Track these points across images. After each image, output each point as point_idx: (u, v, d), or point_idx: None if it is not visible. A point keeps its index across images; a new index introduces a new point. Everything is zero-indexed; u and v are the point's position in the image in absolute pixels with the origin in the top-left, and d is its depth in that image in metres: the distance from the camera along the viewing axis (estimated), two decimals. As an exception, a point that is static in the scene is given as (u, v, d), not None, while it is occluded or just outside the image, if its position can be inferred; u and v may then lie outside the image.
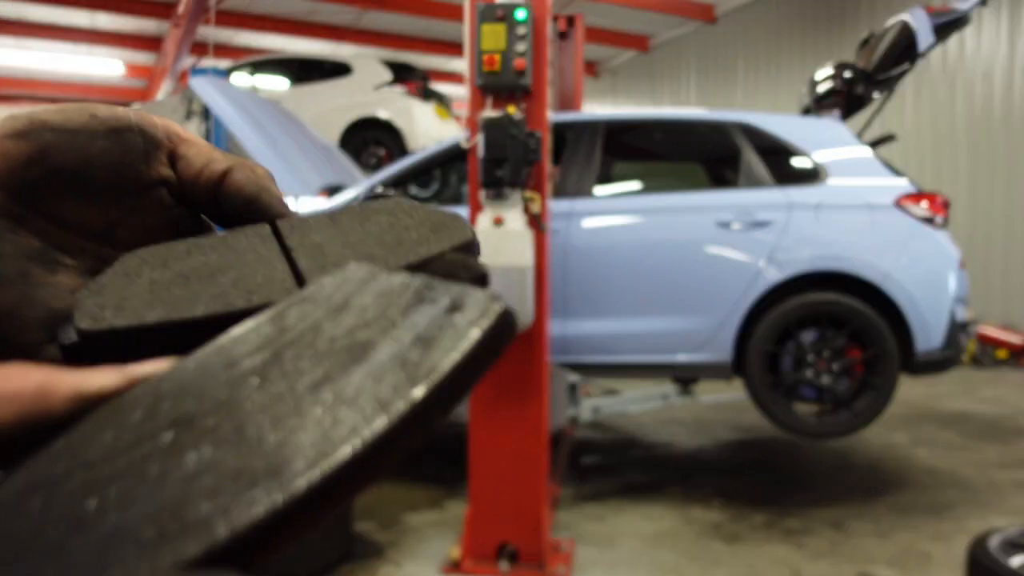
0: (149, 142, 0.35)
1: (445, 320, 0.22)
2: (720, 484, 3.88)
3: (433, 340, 0.21)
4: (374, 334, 0.22)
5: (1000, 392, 6.42)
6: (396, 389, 0.20)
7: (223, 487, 0.19)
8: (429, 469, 4.17)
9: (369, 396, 0.20)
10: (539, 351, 2.78)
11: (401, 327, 0.22)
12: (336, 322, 0.24)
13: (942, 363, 3.46)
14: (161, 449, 0.20)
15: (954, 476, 3.97)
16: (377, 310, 0.23)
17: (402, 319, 0.23)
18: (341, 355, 0.22)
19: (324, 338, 0.23)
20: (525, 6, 2.58)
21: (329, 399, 0.20)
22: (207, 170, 0.35)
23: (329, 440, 0.19)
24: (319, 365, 0.22)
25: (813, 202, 3.52)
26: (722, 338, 3.48)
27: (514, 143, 2.56)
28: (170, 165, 0.36)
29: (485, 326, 0.22)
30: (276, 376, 0.22)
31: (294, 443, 0.19)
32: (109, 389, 0.24)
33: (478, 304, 0.22)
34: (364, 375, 0.21)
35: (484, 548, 2.78)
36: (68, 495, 0.20)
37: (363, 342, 0.22)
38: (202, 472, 0.19)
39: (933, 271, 3.45)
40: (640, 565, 2.87)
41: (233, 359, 0.23)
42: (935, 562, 2.88)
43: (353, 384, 0.21)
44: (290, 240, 0.33)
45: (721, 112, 3.95)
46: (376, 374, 0.21)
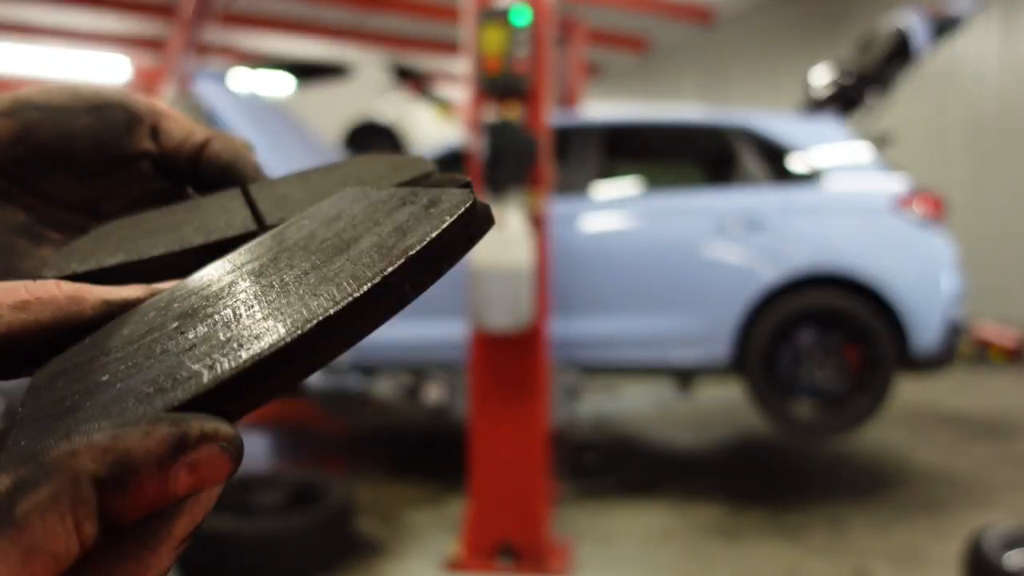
0: (132, 117, 0.37)
1: (423, 213, 0.25)
2: (718, 482, 3.91)
3: (409, 229, 0.24)
4: (359, 232, 0.25)
5: (996, 390, 6.44)
6: (370, 266, 0.23)
7: (214, 352, 0.21)
8: (430, 466, 4.20)
9: (347, 273, 0.23)
10: (539, 350, 2.80)
11: (383, 224, 0.25)
12: (328, 228, 0.27)
13: (938, 361, 3.49)
14: (166, 335, 0.23)
15: (951, 474, 4.00)
16: (365, 215, 0.26)
17: (386, 219, 0.25)
18: (328, 250, 0.25)
19: (316, 241, 0.26)
20: (526, 9, 2.61)
21: (312, 280, 0.23)
22: (188, 141, 0.37)
23: (309, 308, 0.22)
24: (308, 260, 0.25)
25: (810, 202, 3.55)
26: (721, 337, 3.51)
27: (514, 145, 2.59)
28: (153, 139, 0.38)
29: (456, 214, 0.24)
30: (270, 272, 0.25)
31: (278, 315, 0.22)
32: (133, 299, 0.26)
33: (453, 198, 0.25)
34: (345, 260, 0.24)
35: (484, 545, 2.80)
36: (86, 374, 0.23)
37: (348, 238, 0.25)
38: (197, 344, 0.22)
39: (929, 270, 3.48)
40: (639, 562, 2.90)
41: (237, 266, 0.27)
42: (932, 559, 2.91)
43: (334, 268, 0.23)
44: (256, 194, 0.35)
45: (719, 113, 3.99)
46: (355, 258, 0.23)
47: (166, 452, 0.18)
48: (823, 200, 3.57)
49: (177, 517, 0.20)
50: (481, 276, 2.61)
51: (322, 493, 2.94)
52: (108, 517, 0.18)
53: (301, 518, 2.71)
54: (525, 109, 2.67)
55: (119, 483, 0.18)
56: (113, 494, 0.18)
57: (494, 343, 2.78)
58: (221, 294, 0.25)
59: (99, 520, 0.18)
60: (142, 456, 0.18)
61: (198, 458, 0.19)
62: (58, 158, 0.35)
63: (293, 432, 5.23)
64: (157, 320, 0.24)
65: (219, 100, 4.26)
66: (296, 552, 2.65)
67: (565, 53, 4.89)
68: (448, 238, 0.23)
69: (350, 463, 4.35)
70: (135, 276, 0.31)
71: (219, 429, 0.19)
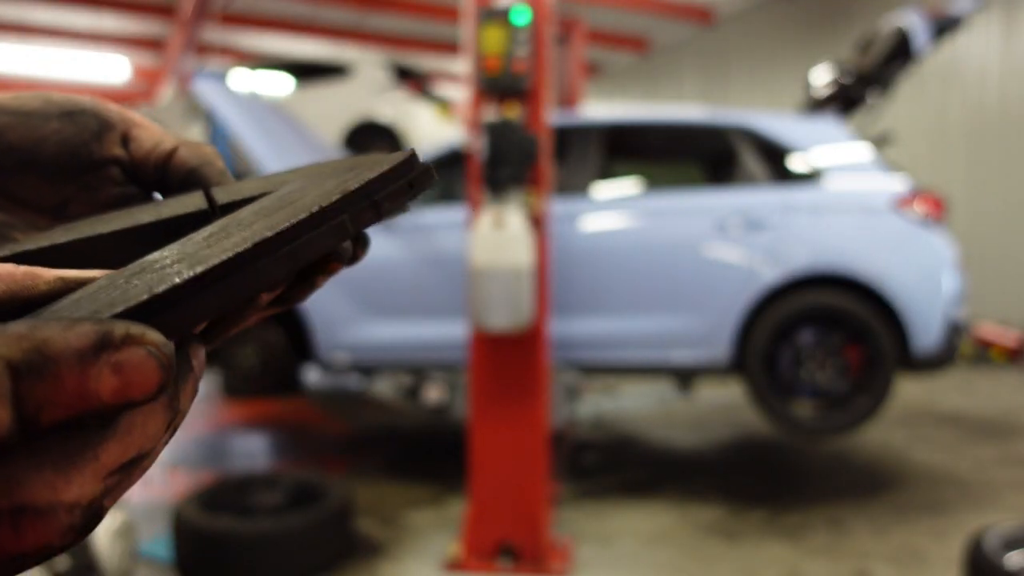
0: (102, 123, 0.38)
1: (365, 170, 0.27)
2: (719, 482, 3.91)
3: (351, 180, 0.26)
4: (306, 193, 0.27)
5: (997, 391, 6.44)
6: (309, 205, 0.24)
7: (154, 280, 0.22)
8: (430, 467, 4.20)
9: (286, 213, 0.24)
10: (539, 351, 2.80)
11: (328, 182, 0.27)
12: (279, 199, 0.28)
13: (939, 362, 3.48)
14: (117, 286, 0.24)
15: (951, 474, 4.00)
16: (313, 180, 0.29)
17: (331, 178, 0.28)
18: (273, 207, 0.27)
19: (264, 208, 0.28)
20: (525, 9, 2.61)
21: (255, 225, 0.25)
22: (157, 149, 0.38)
23: (246, 241, 0.23)
24: (258, 218, 0.26)
25: (811, 202, 3.55)
26: (721, 337, 3.50)
27: (514, 145, 2.59)
28: (123, 146, 0.38)
29: (395, 162, 0.26)
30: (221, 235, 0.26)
31: (219, 246, 0.23)
32: (89, 277, 0.26)
33: (396, 156, 0.27)
34: (288, 207, 0.25)
35: (484, 546, 2.80)
36: None
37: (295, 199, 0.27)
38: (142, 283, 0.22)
39: (930, 270, 3.47)
40: (639, 563, 2.90)
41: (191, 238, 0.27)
42: (932, 559, 2.91)
43: (280, 215, 0.25)
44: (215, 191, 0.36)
45: (719, 113, 3.98)
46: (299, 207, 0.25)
47: (87, 346, 0.18)
48: (823, 200, 3.56)
49: (107, 439, 0.19)
50: (481, 276, 2.60)
51: (322, 493, 2.93)
52: (25, 409, 0.17)
53: (301, 518, 2.70)
54: (525, 109, 2.67)
55: (35, 370, 0.17)
56: (30, 382, 0.17)
57: (494, 343, 2.78)
58: (171, 257, 0.25)
59: (14, 409, 0.17)
60: (61, 346, 0.18)
61: (122, 359, 0.18)
62: (27, 161, 0.36)
63: (293, 432, 5.23)
64: (108, 281, 0.25)
65: (218, 100, 4.25)
66: (296, 552, 2.65)
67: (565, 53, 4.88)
68: (387, 180, 0.26)
69: (350, 463, 4.35)
70: (90, 260, 0.31)
71: (146, 333, 0.19)
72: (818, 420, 3.44)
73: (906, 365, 3.46)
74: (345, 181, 0.26)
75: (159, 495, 3.74)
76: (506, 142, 2.58)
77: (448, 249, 3.65)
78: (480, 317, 2.64)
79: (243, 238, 0.23)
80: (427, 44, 12.57)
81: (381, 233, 3.78)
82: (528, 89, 2.64)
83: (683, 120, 4.08)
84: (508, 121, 2.60)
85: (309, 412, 5.82)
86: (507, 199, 2.63)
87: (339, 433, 5.19)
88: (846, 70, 4.04)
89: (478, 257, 2.60)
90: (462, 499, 3.49)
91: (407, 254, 3.74)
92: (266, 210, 0.27)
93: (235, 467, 4.31)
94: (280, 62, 8.37)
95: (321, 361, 3.83)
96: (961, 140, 8.75)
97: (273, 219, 0.25)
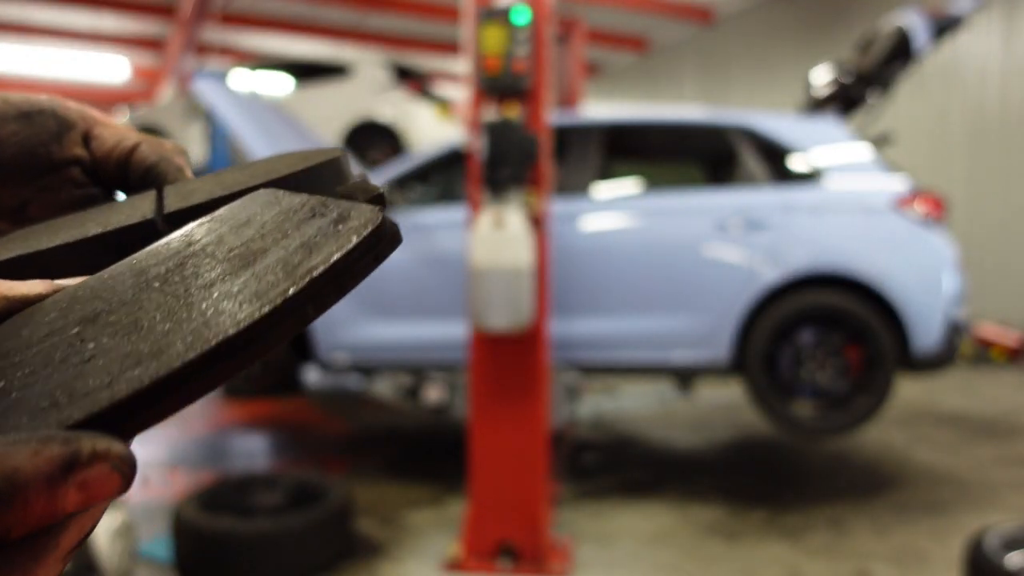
0: (62, 124, 0.37)
1: (331, 230, 0.25)
2: (719, 482, 3.91)
3: (316, 246, 0.24)
4: (267, 243, 0.25)
5: (997, 391, 6.44)
6: (274, 285, 0.23)
7: (112, 367, 0.21)
8: (430, 467, 4.19)
9: (250, 291, 0.23)
10: (539, 351, 2.80)
11: (292, 236, 0.25)
12: (237, 235, 0.26)
13: (939, 362, 3.48)
14: (66, 340, 0.23)
15: (951, 474, 4.00)
16: (275, 225, 0.26)
17: (295, 231, 0.25)
18: (235, 261, 0.25)
19: (223, 248, 0.26)
20: (525, 9, 2.60)
21: (215, 294, 0.23)
22: (119, 147, 0.38)
23: (208, 327, 0.22)
24: (215, 269, 0.25)
25: (811, 202, 3.55)
26: (721, 338, 3.50)
27: (514, 145, 2.58)
28: (85, 145, 0.38)
29: (363, 233, 0.24)
30: (176, 280, 0.25)
31: (179, 330, 0.22)
32: (33, 295, 0.26)
33: (362, 215, 0.25)
34: (250, 276, 0.24)
35: (484, 546, 2.80)
36: None
37: (256, 249, 0.25)
38: (97, 356, 0.22)
39: (930, 270, 3.47)
40: (639, 563, 2.90)
41: (143, 268, 0.26)
42: (932, 559, 2.91)
43: (239, 282, 0.23)
44: (169, 192, 0.35)
45: (719, 112, 3.98)
46: (260, 274, 0.23)
47: (56, 471, 0.18)
48: (824, 200, 3.56)
49: (65, 530, 0.20)
50: (481, 276, 2.60)
51: (322, 493, 2.93)
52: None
53: (301, 518, 2.70)
54: (525, 109, 2.67)
55: (5, 500, 0.18)
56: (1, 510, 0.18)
57: (494, 343, 2.78)
58: (125, 299, 0.24)
59: None
60: (31, 474, 0.18)
61: (88, 477, 0.19)
62: None
63: (293, 432, 5.23)
64: (58, 323, 0.24)
65: (218, 100, 4.25)
66: (296, 552, 2.65)
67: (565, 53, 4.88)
68: (354, 258, 0.24)
69: (350, 463, 4.35)
70: (38, 271, 0.31)
71: (111, 449, 0.19)
72: (818, 420, 3.44)
73: (906, 365, 3.45)
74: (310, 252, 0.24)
75: (159, 495, 3.74)
76: (506, 142, 2.58)
77: (448, 249, 3.65)
78: (480, 317, 2.64)
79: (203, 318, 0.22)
80: (427, 44, 12.57)
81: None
82: (528, 89, 2.64)
83: (683, 120, 4.07)
84: (508, 121, 2.60)
85: (309, 412, 5.82)
86: (507, 199, 2.63)
87: (339, 433, 5.19)
88: (846, 70, 4.03)
89: (478, 257, 2.60)
90: (462, 499, 3.49)
91: (407, 254, 3.74)
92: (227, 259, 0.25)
93: (235, 467, 4.30)
94: (280, 62, 8.37)
95: (321, 361, 3.83)
96: (961, 140, 8.75)
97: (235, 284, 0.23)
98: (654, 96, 13.30)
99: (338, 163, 0.34)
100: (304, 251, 0.24)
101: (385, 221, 0.25)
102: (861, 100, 4.05)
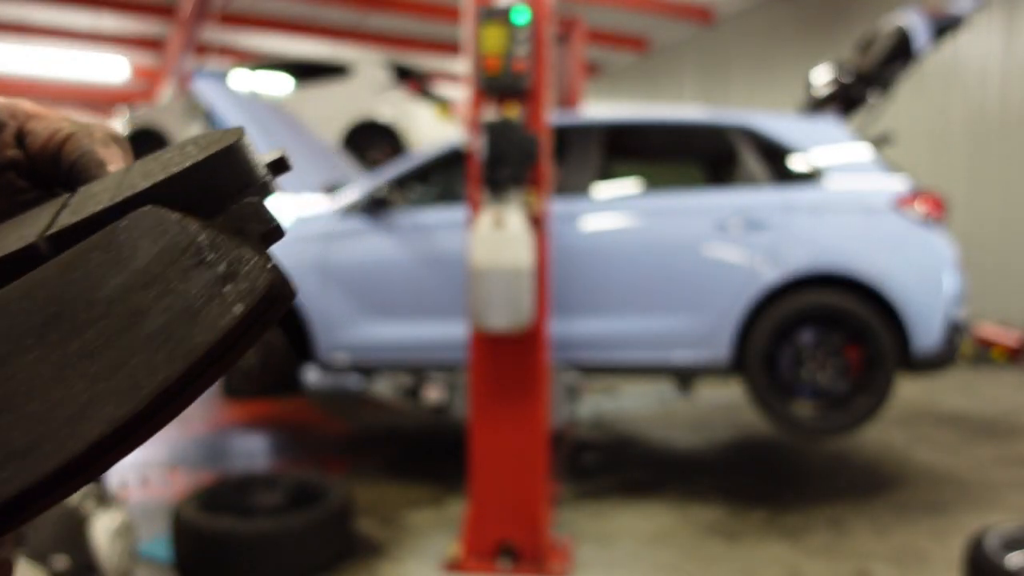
0: None
1: (216, 290, 0.23)
2: (719, 482, 3.90)
3: (199, 313, 0.22)
4: (149, 299, 0.23)
5: (997, 391, 6.44)
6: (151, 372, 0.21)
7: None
8: (430, 467, 4.19)
9: (127, 376, 0.21)
10: (539, 351, 2.80)
11: (175, 292, 0.23)
12: (120, 271, 0.24)
13: (939, 362, 3.48)
14: None
15: (952, 474, 3.99)
16: (159, 268, 0.24)
17: (179, 282, 0.23)
18: (115, 319, 0.23)
19: (104, 295, 0.24)
20: (525, 9, 2.60)
21: (92, 371, 0.22)
22: (52, 140, 0.35)
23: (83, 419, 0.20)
24: (93, 327, 0.23)
25: (811, 203, 3.55)
26: (721, 338, 3.50)
27: (514, 145, 2.58)
28: (19, 144, 0.35)
29: (251, 302, 0.22)
30: (53, 339, 0.23)
31: (51, 418, 0.21)
32: None
33: (250, 277, 0.23)
34: (127, 349, 0.22)
35: (484, 546, 2.80)
36: None
37: (136, 309, 0.23)
38: None
39: (930, 270, 3.47)
40: (639, 563, 2.89)
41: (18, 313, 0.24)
42: (933, 560, 2.90)
43: (118, 355, 0.22)
44: (76, 196, 0.33)
45: (719, 112, 3.98)
46: (140, 349, 0.22)
47: None
48: (824, 200, 3.56)
49: None
50: (481, 276, 2.60)
51: (322, 493, 2.93)
52: None
53: (301, 519, 2.70)
54: (525, 108, 2.66)
55: None
56: None
57: (494, 343, 2.78)
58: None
59: None
60: None
61: None
62: None
63: (293, 432, 5.23)
64: None
65: (218, 100, 4.25)
66: (296, 553, 2.64)
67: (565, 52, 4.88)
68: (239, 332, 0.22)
69: (350, 463, 4.34)
70: None
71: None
72: (818, 420, 3.43)
73: (907, 365, 3.45)
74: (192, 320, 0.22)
75: (159, 495, 3.74)
76: (506, 142, 2.57)
77: (448, 249, 3.65)
78: (480, 317, 2.64)
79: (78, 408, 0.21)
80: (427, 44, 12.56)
81: (380, 233, 3.77)
82: (528, 89, 2.64)
83: (683, 120, 4.07)
84: (508, 121, 2.60)
85: (309, 412, 5.82)
86: (507, 199, 2.63)
87: (339, 433, 5.19)
88: (846, 70, 4.03)
89: (478, 257, 2.60)
90: (462, 499, 3.49)
91: (407, 254, 3.74)
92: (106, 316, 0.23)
93: (235, 467, 4.30)
94: (280, 62, 8.36)
95: (321, 361, 3.83)
96: (962, 140, 8.74)
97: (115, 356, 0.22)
98: (654, 96, 13.29)
99: (235, 151, 0.31)
100: (186, 319, 0.22)
101: (275, 283, 0.23)
102: (861, 100, 4.05)
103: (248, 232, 0.27)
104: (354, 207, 3.83)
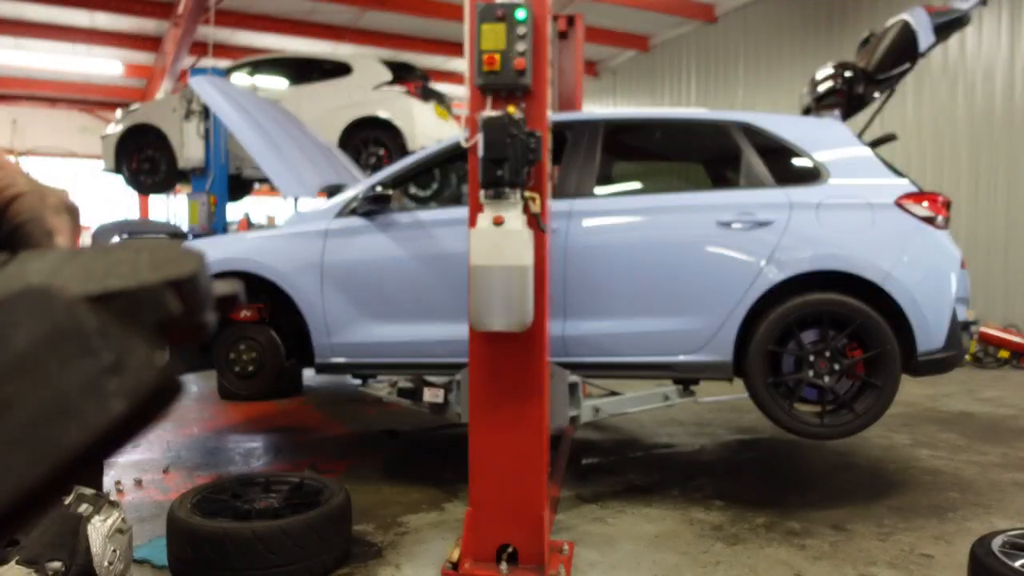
0: None
1: (97, 384, 0.21)
2: (721, 485, 3.87)
3: (75, 410, 0.20)
4: (21, 389, 0.21)
5: (1002, 392, 6.41)
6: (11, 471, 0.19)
7: None
8: (429, 469, 4.16)
9: None
10: (539, 351, 2.76)
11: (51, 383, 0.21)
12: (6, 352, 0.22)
13: (944, 363, 3.44)
14: None
15: (956, 477, 3.96)
16: (39, 354, 0.22)
17: (58, 371, 0.21)
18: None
19: None
20: (525, 6, 2.57)
21: None
22: (2, 195, 0.34)
23: None
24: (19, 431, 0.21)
25: (814, 202, 3.51)
26: (723, 338, 3.46)
27: (514, 143, 2.54)
28: None
29: (133, 400, 0.20)
30: None
31: None
32: None
33: (136, 371, 0.21)
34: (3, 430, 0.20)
35: (484, 549, 2.76)
36: None
37: (4, 399, 0.21)
38: None
39: (934, 271, 3.43)
40: (640, 566, 2.86)
41: None
42: (937, 564, 2.87)
43: None
44: (7, 270, 0.31)
45: (721, 112, 3.94)
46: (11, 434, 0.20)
47: None
48: (827, 199, 3.52)
49: None
50: (480, 276, 2.57)
51: (320, 496, 2.90)
52: None
53: (299, 521, 2.67)
54: (525, 106, 2.63)
55: None
56: None
57: (493, 343, 2.74)
58: None
59: None
60: None
61: None
62: None
63: (292, 433, 5.19)
64: None
65: (215, 97, 4.21)
66: (293, 555, 2.61)
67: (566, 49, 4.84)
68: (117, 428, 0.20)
69: (350, 464, 4.31)
70: None
71: None
72: (821, 422, 3.40)
73: (911, 367, 3.41)
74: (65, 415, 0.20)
75: (155, 497, 3.70)
76: (506, 140, 2.54)
77: (447, 249, 3.61)
78: (479, 317, 2.61)
79: None
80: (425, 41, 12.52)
81: (379, 233, 3.74)
82: (528, 87, 2.60)
83: (685, 119, 4.03)
84: (508, 118, 2.56)
85: (308, 413, 5.79)
86: (507, 198, 2.59)
87: (338, 435, 5.16)
88: (850, 68, 3.99)
89: (477, 257, 2.57)
90: (462, 502, 3.46)
91: (406, 254, 3.70)
92: None
93: (233, 469, 4.27)
94: (278, 59, 8.33)
95: (320, 363, 3.79)
96: (966, 140, 8.71)
97: None
98: (655, 93, 13.26)
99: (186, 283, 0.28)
100: (59, 418, 0.20)
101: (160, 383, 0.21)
102: (865, 99, 4.01)
103: (143, 321, 0.24)
104: (353, 206, 3.79)
